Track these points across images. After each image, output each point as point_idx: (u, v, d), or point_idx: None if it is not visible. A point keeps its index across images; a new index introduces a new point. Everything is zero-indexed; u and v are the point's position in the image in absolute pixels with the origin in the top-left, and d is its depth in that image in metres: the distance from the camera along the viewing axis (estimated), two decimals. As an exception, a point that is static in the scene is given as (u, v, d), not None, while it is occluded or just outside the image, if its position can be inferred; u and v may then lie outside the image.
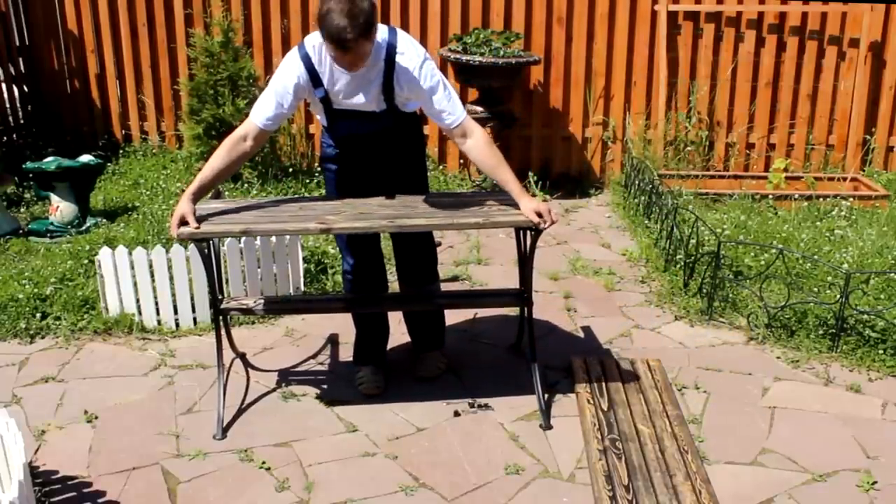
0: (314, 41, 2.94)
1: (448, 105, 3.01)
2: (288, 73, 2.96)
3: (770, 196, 5.36)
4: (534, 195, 5.73)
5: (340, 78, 2.96)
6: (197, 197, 3.04)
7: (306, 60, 2.94)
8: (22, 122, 6.21)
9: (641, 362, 3.60)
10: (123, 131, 6.33)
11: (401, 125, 3.15)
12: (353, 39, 2.67)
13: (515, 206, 3.11)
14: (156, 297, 3.87)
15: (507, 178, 3.06)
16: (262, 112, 3.00)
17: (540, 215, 2.98)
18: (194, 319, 3.91)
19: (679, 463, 2.91)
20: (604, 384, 3.41)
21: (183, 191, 5.23)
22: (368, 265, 3.40)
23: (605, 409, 3.24)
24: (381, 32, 2.91)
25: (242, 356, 3.63)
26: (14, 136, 6.09)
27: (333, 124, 3.12)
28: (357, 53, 2.76)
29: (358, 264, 3.39)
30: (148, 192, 5.47)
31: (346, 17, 2.64)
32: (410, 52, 2.95)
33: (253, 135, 3.02)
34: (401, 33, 2.99)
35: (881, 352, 3.61)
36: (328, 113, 3.07)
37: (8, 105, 6.06)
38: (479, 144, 3.06)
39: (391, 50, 2.92)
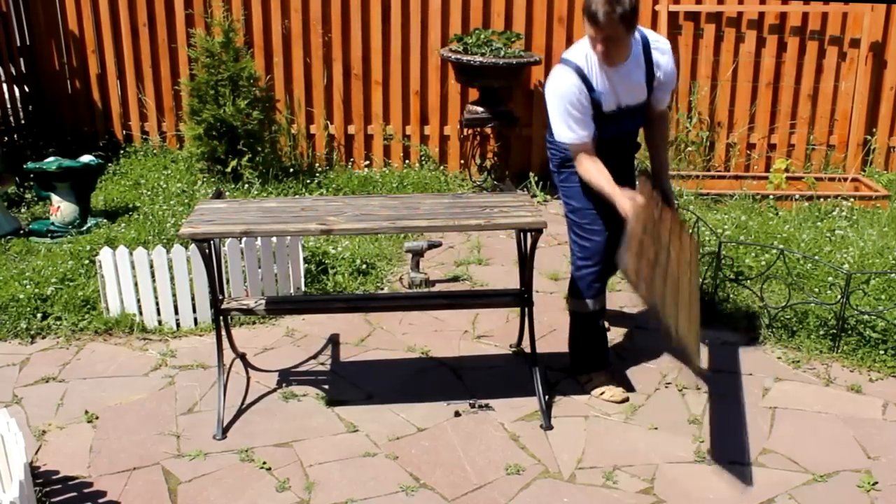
0: (581, 52, 3.03)
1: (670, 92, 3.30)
2: (568, 88, 3.02)
3: (771, 196, 5.36)
4: (534, 195, 5.76)
5: (610, 78, 3.05)
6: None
7: (578, 70, 3.02)
8: (23, 122, 6.21)
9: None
10: (124, 131, 6.32)
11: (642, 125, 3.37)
12: (607, 14, 2.79)
13: (516, 207, 3.12)
14: (156, 298, 3.87)
15: (663, 158, 3.37)
16: (576, 133, 3.05)
17: None
18: (195, 319, 3.92)
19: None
20: None
21: (184, 191, 5.30)
22: (608, 265, 3.35)
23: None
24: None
25: (243, 356, 3.63)
26: (15, 136, 6.09)
27: (598, 128, 3.13)
28: (611, 39, 2.88)
29: (602, 267, 3.33)
30: (149, 193, 5.46)
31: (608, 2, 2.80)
32: (661, 43, 3.15)
33: (589, 149, 3.09)
34: (643, 28, 3.15)
35: (882, 352, 3.61)
36: (596, 117, 3.10)
37: (9, 105, 6.06)
38: (665, 123, 3.39)
39: (646, 41, 3.10)
